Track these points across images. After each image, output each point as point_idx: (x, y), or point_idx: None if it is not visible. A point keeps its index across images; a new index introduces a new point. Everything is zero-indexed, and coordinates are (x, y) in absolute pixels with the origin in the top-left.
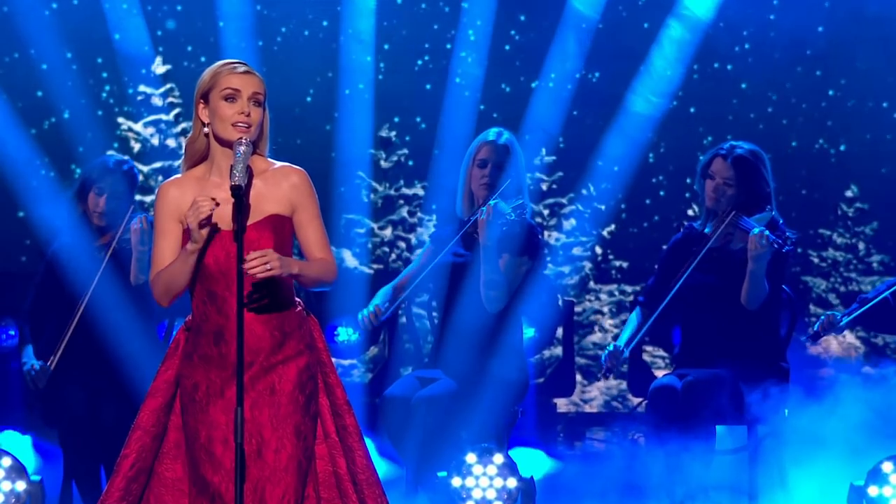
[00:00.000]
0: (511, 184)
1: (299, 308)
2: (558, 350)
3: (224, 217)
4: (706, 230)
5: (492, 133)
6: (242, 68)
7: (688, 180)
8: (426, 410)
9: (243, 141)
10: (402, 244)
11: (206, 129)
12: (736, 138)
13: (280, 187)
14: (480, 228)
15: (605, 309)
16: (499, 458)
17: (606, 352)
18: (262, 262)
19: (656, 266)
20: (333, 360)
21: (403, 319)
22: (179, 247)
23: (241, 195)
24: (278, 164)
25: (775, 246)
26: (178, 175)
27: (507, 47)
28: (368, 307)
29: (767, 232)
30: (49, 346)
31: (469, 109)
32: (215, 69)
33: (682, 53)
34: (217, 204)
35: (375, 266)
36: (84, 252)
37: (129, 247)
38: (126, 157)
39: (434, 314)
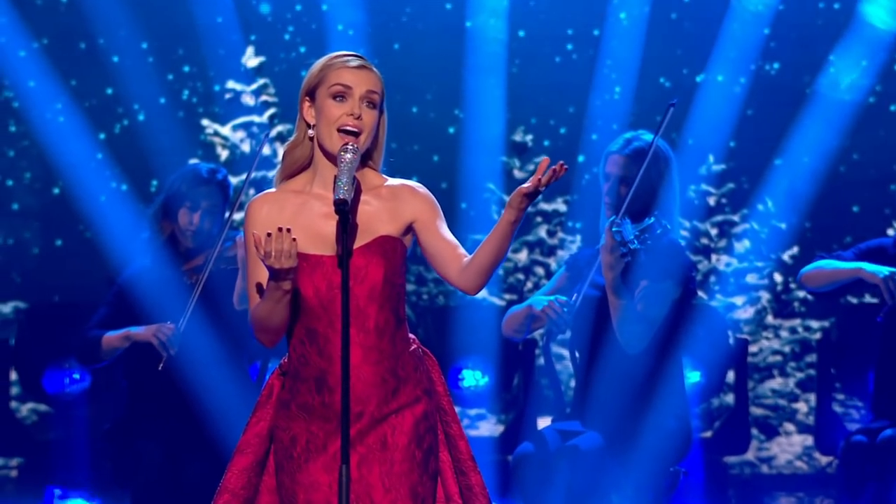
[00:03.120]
0: (645, 200)
1: (414, 346)
2: (729, 398)
3: (326, 239)
4: None
5: (619, 141)
6: (356, 62)
7: (889, 192)
8: (569, 470)
9: (349, 147)
10: (540, 270)
11: (310, 132)
12: None
13: (396, 200)
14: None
15: (787, 349)
16: None
17: None
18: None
19: (855, 246)
20: (457, 409)
21: (541, 360)
22: None
23: (346, 211)
24: (394, 181)
25: None
26: (271, 189)
27: (667, 34)
28: (550, 298)
29: None
30: (115, 392)
31: (620, 108)
32: (325, 62)
33: (881, 39)
34: (294, 239)
35: (508, 296)
36: (165, 279)
37: (226, 267)
38: (218, 166)
39: (577, 355)
